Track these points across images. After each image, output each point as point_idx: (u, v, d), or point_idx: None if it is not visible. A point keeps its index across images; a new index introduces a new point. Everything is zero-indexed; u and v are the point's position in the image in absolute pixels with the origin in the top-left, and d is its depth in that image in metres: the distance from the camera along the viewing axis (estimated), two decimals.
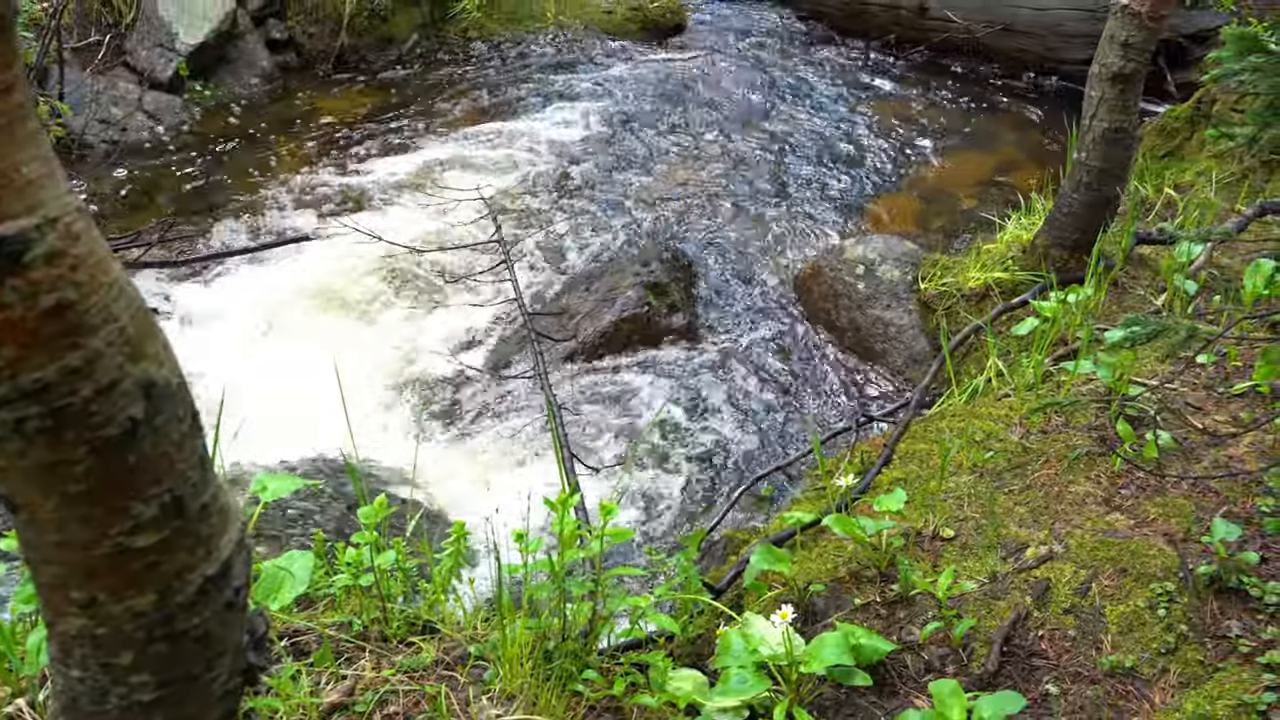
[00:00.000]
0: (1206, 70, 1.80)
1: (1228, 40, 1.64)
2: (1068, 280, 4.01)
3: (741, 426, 4.21)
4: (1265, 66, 1.64)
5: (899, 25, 8.47)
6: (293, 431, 3.94)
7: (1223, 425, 2.99)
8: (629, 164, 6.40)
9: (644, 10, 8.78)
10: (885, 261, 4.72)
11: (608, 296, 4.62)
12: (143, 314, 1.06)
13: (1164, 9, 3.62)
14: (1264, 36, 1.66)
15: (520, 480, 3.86)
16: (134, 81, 6.54)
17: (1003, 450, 3.03)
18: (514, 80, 7.58)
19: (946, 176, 6.54)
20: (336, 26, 7.53)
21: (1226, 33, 1.64)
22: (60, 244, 0.94)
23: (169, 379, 1.08)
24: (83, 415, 0.99)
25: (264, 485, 2.25)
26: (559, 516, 2.17)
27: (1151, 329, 1.93)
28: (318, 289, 4.87)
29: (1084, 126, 3.90)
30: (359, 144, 6.43)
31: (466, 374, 4.47)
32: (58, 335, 0.95)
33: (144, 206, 5.59)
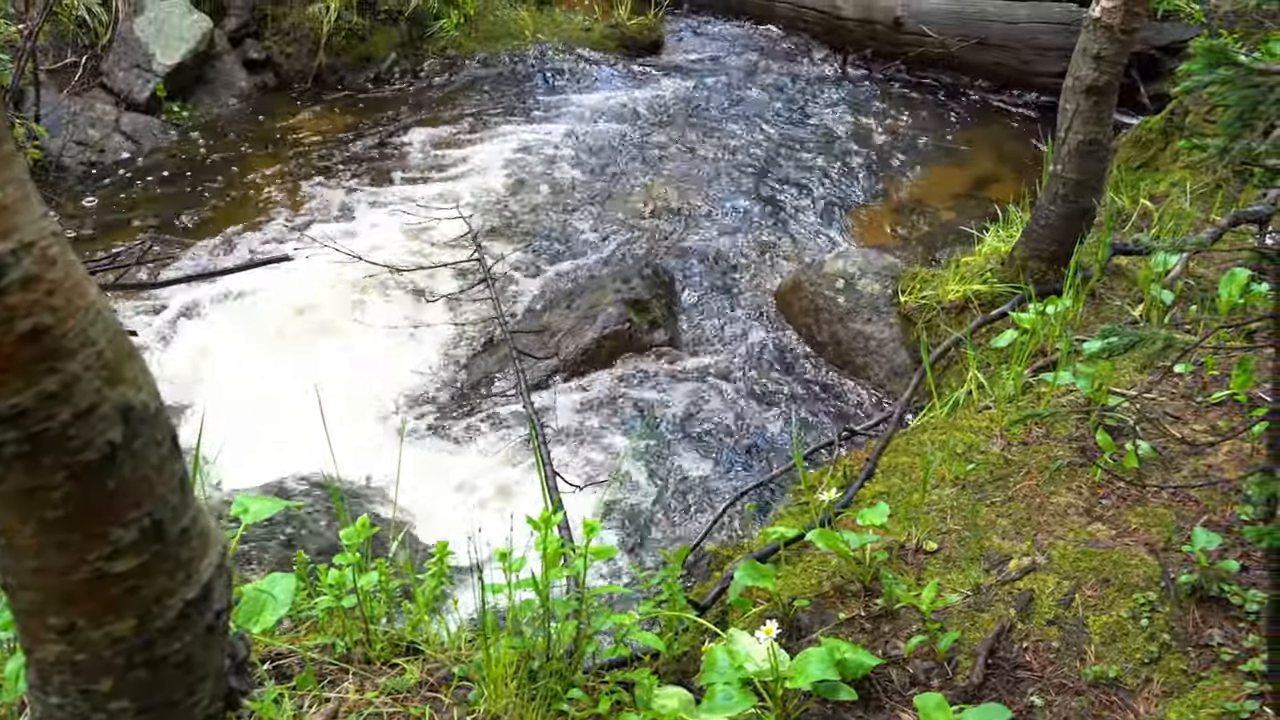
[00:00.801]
0: (1178, 82, 1.82)
1: (1197, 53, 1.65)
2: (1046, 292, 4.03)
3: (724, 442, 4.21)
4: (1234, 79, 1.66)
5: (874, 40, 8.52)
6: (274, 452, 3.92)
7: (1201, 434, 3.01)
8: (609, 181, 6.42)
9: (622, 27, 8.81)
10: (865, 275, 4.73)
11: (589, 314, 4.62)
12: (120, 338, 1.05)
13: (1135, 22, 3.66)
14: (1233, 49, 1.68)
15: (503, 498, 3.85)
16: (111, 103, 6.52)
17: (984, 462, 3.05)
18: (493, 98, 7.59)
19: (924, 189, 6.58)
20: (314, 46, 7.53)
21: (1196, 45, 1.66)
22: (36, 269, 0.94)
23: (147, 403, 1.07)
24: (60, 440, 0.98)
25: (245, 507, 2.24)
26: (542, 535, 2.17)
27: (1129, 340, 1.94)
28: (298, 309, 4.85)
29: (1059, 139, 3.94)
30: (338, 163, 6.42)
31: (448, 392, 4.46)
32: (34, 360, 0.95)
33: (122, 228, 5.57)
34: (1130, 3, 3.60)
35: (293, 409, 3.84)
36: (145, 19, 6.71)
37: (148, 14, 6.72)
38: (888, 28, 8.41)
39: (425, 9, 8.06)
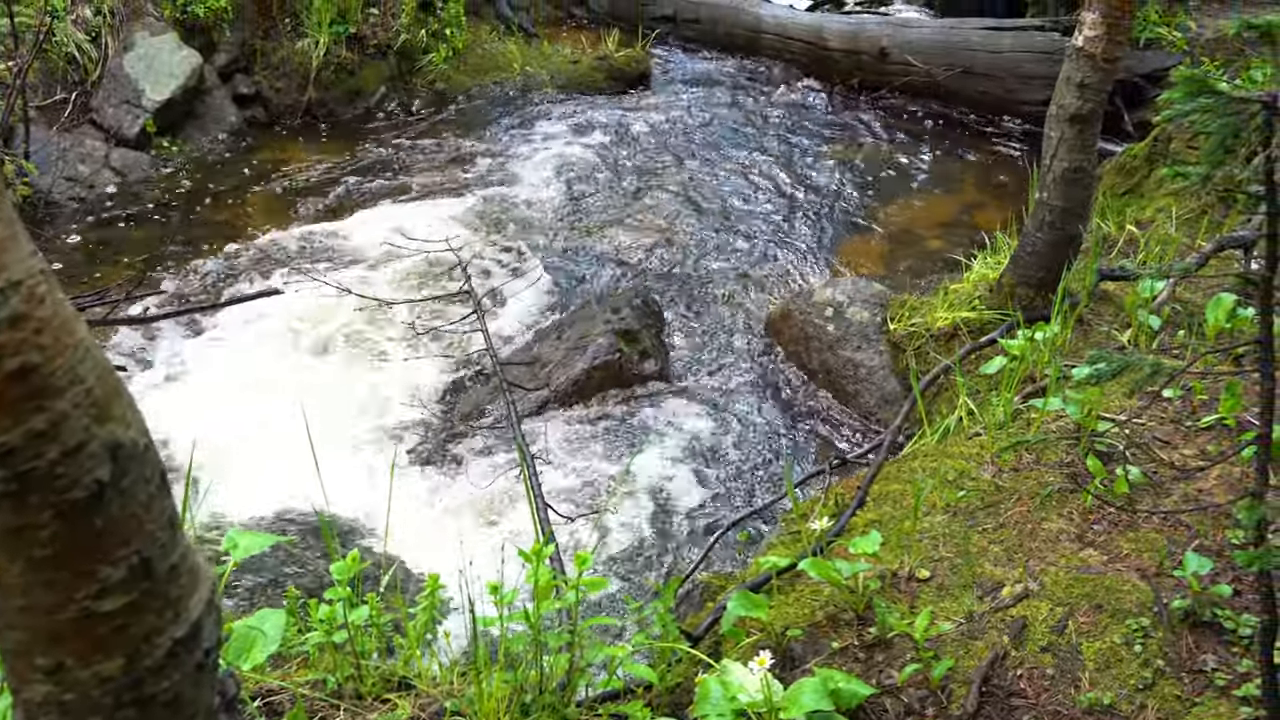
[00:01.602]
0: (1161, 110, 1.84)
1: (1178, 82, 1.67)
2: (1034, 318, 4.05)
3: (716, 471, 4.21)
4: (1215, 107, 1.68)
5: (860, 70, 8.59)
6: (264, 486, 3.91)
7: (1191, 459, 3.02)
8: (598, 211, 6.44)
9: (609, 60, 8.87)
10: (854, 303, 4.75)
11: (579, 344, 4.63)
12: (109, 375, 1.05)
13: (1117, 51, 3.70)
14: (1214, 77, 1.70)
15: (495, 531, 3.84)
16: (101, 139, 6.54)
17: (975, 489, 3.05)
18: (482, 131, 7.63)
19: (912, 217, 6.62)
20: (304, 81, 7.56)
21: (1176, 74, 1.68)
22: (24, 307, 0.94)
23: (136, 440, 1.07)
24: (48, 479, 0.98)
25: (235, 543, 2.23)
26: (533, 567, 2.17)
27: (1116, 366, 1.95)
28: (288, 343, 4.85)
29: (1045, 166, 3.97)
30: (327, 196, 6.44)
31: (439, 425, 4.46)
32: (22, 399, 0.94)
33: (111, 263, 5.57)
34: (1112, 32, 3.64)
35: (283, 442, 3.83)
36: (135, 55, 6.74)
37: (137, 50, 6.75)
38: (874, 58, 8.49)
39: (414, 43, 8.11)
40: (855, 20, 9.14)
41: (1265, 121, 1.78)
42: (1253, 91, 1.79)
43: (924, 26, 8.74)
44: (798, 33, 9.06)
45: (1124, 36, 3.68)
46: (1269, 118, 1.77)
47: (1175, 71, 1.69)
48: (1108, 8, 3.61)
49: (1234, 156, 1.83)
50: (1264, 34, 1.70)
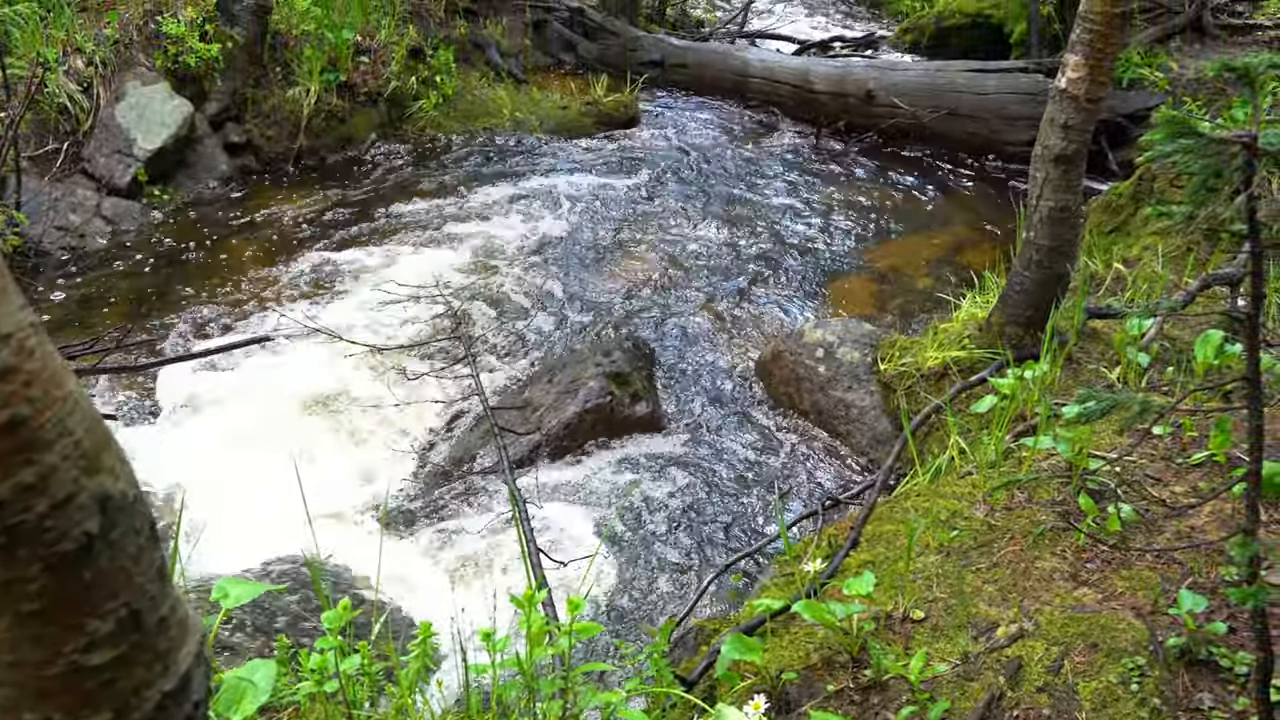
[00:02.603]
0: (1144, 150, 1.86)
1: (1159, 123, 1.69)
2: (1024, 357, 4.07)
3: (708, 513, 4.20)
4: (1196, 148, 1.70)
5: (848, 112, 8.69)
6: (254, 534, 3.88)
7: (1182, 496, 3.03)
8: (588, 255, 6.47)
9: (598, 105, 8.94)
10: (845, 344, 4.76)
11: (570, 388, 4.63)
12: (98, 426, 1.05)
13: (1100, 91, 3.74)
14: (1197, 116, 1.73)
15: (487, 577, 3.82)
16: (92, 188, 6.56)
17: (968, 528, 3.04)
18: (472, 177, 7.67)
19: (901, 257, 6.66)
20: (294, 129, 7.61)
21: (1158, 116, 1.70)
22: (13, 360, 0.94)
23: (125, 491, 1.07)
24: (37, 532, 0.98)
25: (225, 592, 2.21)
26: (526, 613, 2.15)
27: (1105, 404, 1.96)
28: (279, 389, 4.84)
29: (1031, 206, 4.00)
30: (319, 243, 6.45)
31: (430, 470, 4.44)
32: (11, 451, 0.94)
33: (102, 312, 5.57)
34: (1095, 73, 3.69)
35: (273, 489, 3.81)
36: (127, 104, 6.78)
37: (129, 100, 6.79)
38: (860, 100, 8.58)
39: (405, 90, 8.18)
40: (841, 64, 9.26)
41: (1245, 162, 1.80)
42: (1233, 131, 1.81)
43: (910, 69, 8.85)
44: (785, 76, 9.16)
45: (1106, 78, 3.72)
46: (1249, 158, 1.79)
47: (1156, 113, 1.71)
48: (1090, 50, 3.66)
49: (1217, 195, 1.85)
50: (1241, 76, 1.72)
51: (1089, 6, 3.63)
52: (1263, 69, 1.77)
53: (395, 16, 8.60)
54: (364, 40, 8.10)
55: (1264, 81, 1.85)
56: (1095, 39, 3.63)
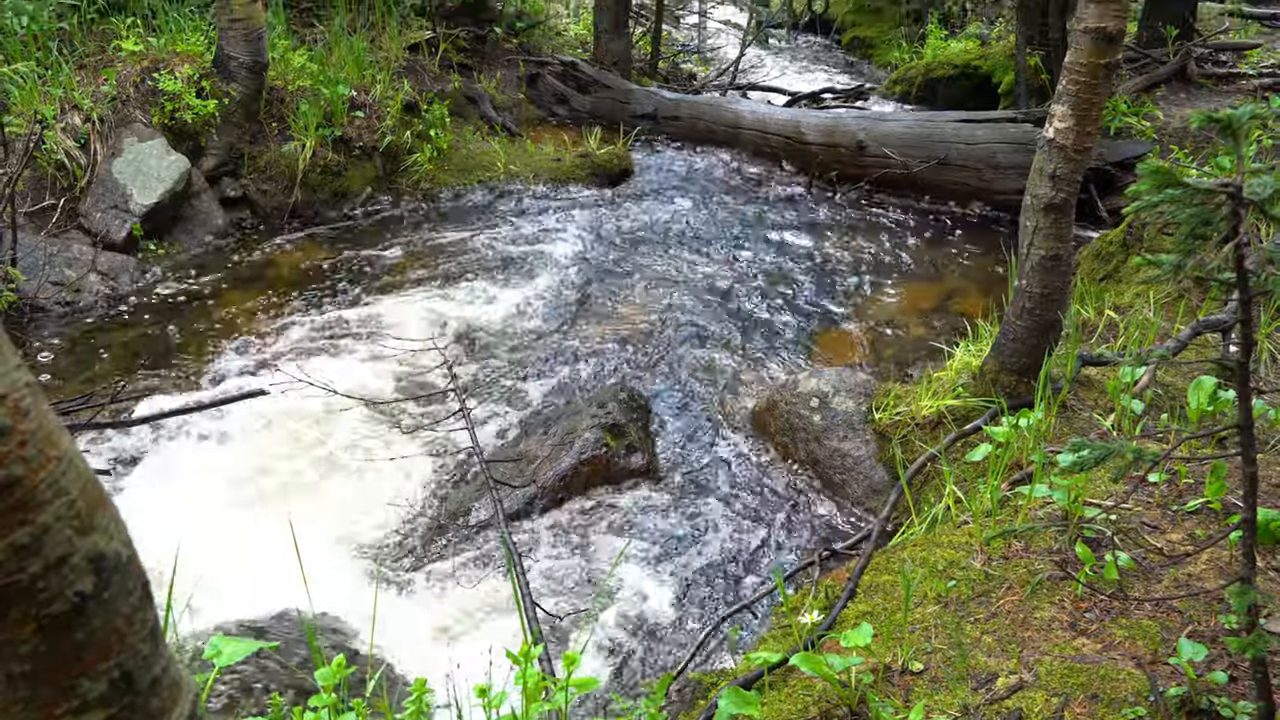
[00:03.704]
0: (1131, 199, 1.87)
1: (1143, 174, 1.71)
2: (1018, 405, 4.08)
3: (705, 565, 4.18)
4: (1182, 198, 1.72)
5: (839, 163, 8.77)
6: (249, 590, 3.86)
7: (1179, 544, 3.02)
8: (582, 307, 6.49)
9: (591, 157, 9.02)
10: (839, 393, 4.77)
11: (565, 440, 4.62)
12: (93, 485, 1.05)
13: (1088, 141, 3.78)
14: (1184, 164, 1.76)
15: (482, 631, 3.79)
16: (88, 243, 6.58)
17: (965, 578, 3.03)
18: (466, 229, 7.71)
19: (894, 306, 6.69)
20: (290, 183, 7.66)
21: (1142, 167, 1.72)
22: (8, 420, 0.94)
23: (119, 551, 1.07)
24: (30, 592, 0.97)
25: (219, 649, 2.20)
26: (522, 669, 2.14)
27: (1099, 453, 1.96)
28: (273, 444, 4.83)
29: (1022, 255, 4.03)
30: (313, 296, 6.47)
31: (425, 524, 4.42)
32: (5, 512, 0.94)
33: (97, 367, 5.57)
34: (1082, 123, 3.73)
35: (268, 545, 3.80)
36: (124, 160, 6.82)
37: (126, 156, 6.84)
38: (851, 151, 8.66)
39: (399, 144, 8.25)
40: (832, 115, 9.35)
41: (1232, 211, 1.82)
42: (1218, 179, 1.83)
43: (899, 120, 8.94)
44: (776, 128, 9.26)
45: (1094, 127, 3.77)
46: (1235, 207, 1.81)
47: (1141, 165, 1.73)
48: (1077, 101, 3.70)
49: (1204, 244, 1.87)
50: (1224, 128, 1.75)
51: (1075, 58, 3.68)
52: (1245, 120, 1.80)
53: (390, 72, 8.69)
54: (359, 95, 8.18)
55: (1249, 130, 1.88)
56: (1082, 90, 3.68)
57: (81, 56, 7.30)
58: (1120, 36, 3.63)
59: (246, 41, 7.36)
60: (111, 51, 7.35)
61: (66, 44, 7.29)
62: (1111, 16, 3.58)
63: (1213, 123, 1.84)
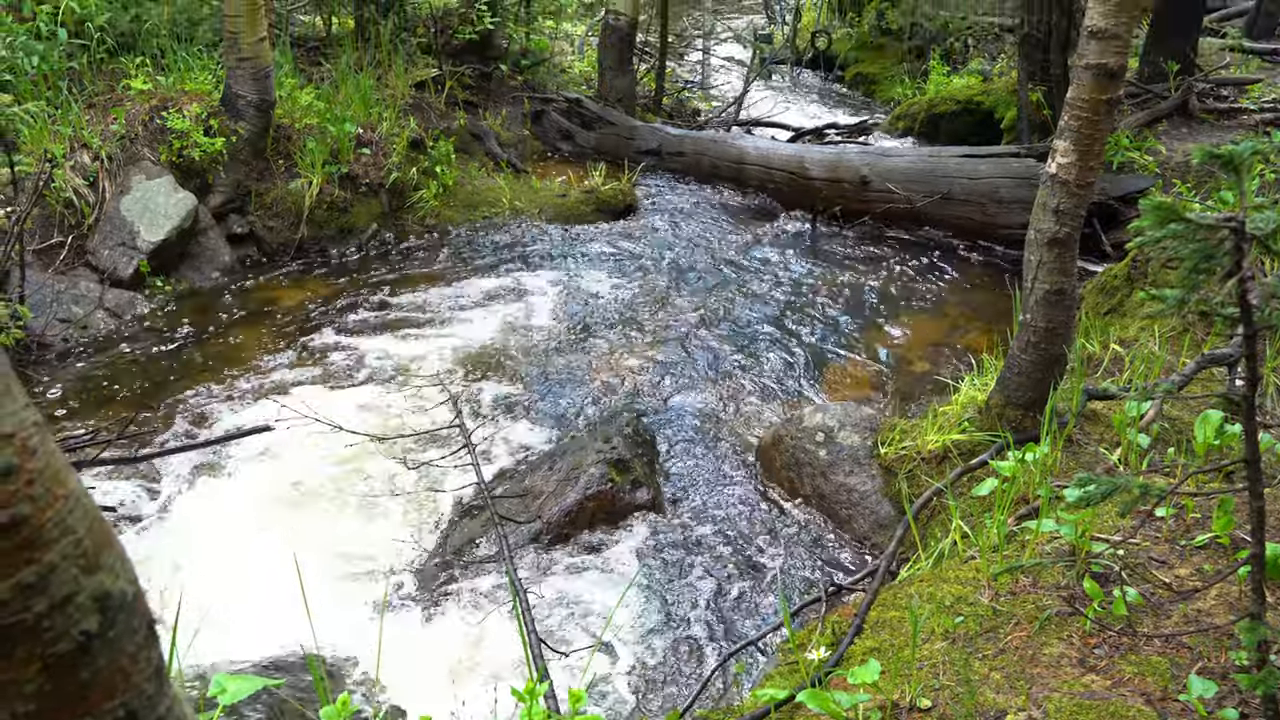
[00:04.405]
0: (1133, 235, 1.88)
1: (1146, 210, 1.72)
2: (1024, 439, 4.07)
3: (711, 601, 4.16)
4: (1185, 233, 1.72)
5: (843, 198, 8.80)
6: (254, 627, 3.84)
7: (1188, 579, 3.00)
8: (588, 342, 6.50)
9: (596, 193, 9.07)
10: (844, 428, 4.77)
11: (570, 475, 4.62)
12: (99, 523, 1.05)
13: (1090, 176, 3.80)
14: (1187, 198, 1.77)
15: (487, 667, 3.77)
16: (95, 279, 6.62)
17: (973, 614, 3.02)
18: (472, 265, 7.75)
19: (899, 341, 6.69)
20: (296, 219, 7.71)
21: (1144, 203, 1.73)
22: (16, 459, 0.94)
23: (125, 589, 1.06)
24: (35, 632, 0.97)
25: (223, 687, 2.19)
26: (527, 706, 2.13)
27: (1105, 488, 1.96)
28: (278, 479, 4.83)
29: (1026, 289, 4.03)
30: (319, 333, 6.49)
31: (430, 559, 4.41)
32: (12, 551, 0.94)
33: (104, 403, 5.58)
34: (1084, 158, 3.75)
35: (273, 581, 3.79)
36: (132, 198, 6.87)
37: (134, 193, 6.89)
38: (854, 186, 8.70)
39: (405, 181, 8.30)
40: (836, 150, 9.40)
41: (1235, 246, 1.82)
42: (1220, 214, 1.84)
43: (903, 155, 8.98)
44: (780, 163, 9.30)
45: (1096, 162, 3.78)
46: (1238, 242, 1.82)
47: (1143, 200, 1.74)
48: (1079, 136, 3.72)
49: (1208, 279, 1.87)
50: (1226, 164, 1.76)
51: (1077, 94, 3.71)
52: (1246, 156, 1.80)
53: (396, 109, 8.76)
54: (365, 133, 8.24)
55: (1251, 165, 1.89)
56: (1084, 125, 3.70)
57: (91, 95, 7.37)
58: (1121, 73, 3.65)
59: (254, 80, 7.43)
60: (121, 90, 7.42)
61: (76, 83, 7.37)
62: (1113, 53, 3.61)
63: (1215, 158, 1.85)
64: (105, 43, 7.78)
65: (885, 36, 16.40)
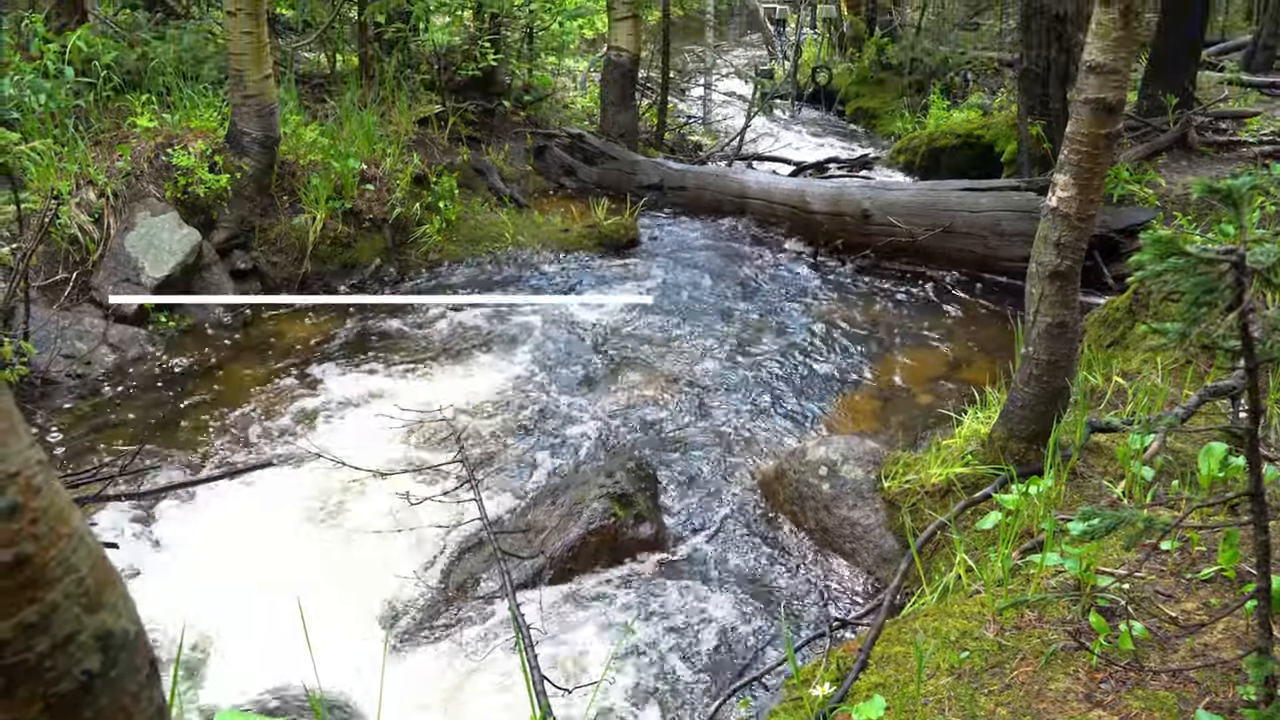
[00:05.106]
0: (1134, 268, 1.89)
1: (1146, 244, 1.73)
2: (1027, 472, 4.06)
3: (714, 636, 4.14)
4: (1185, 267, 1.73)
5: (845, 231, 8.83)
6: (256, 665, 3.83)
7: (1195, 613, 2.99)
8: (590, 376, 6.51)
9: (599, 228, 9.10)
10: (848, 461, 4.76)
11: (573, 510, 4.61)
12: (102, 562, 1.05)
13: (1091, 209, 3.81)
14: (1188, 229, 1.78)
15: (491, 704, 3.75)
16: (99, 315, 6.64)
17: (978, 649, 3.00)
18: (475, 299, 7.76)
19: (901, 374, 6.69)
20: (300, 255, 7.74)
21: (1145, 237, 1.74)
22: (20, 498, 0.95)
23: (127, 629, 1.07)
24: (37, 671, 0.97)
25: None
26: None
27: (1109, 521, 1.96)
28: (281, 515, 4.82)
29: (1029, 322, 4.04)
30: (322, 369, 6.50)
31: (433, 596, 4.40)
32: (15, 590, 0.95)
33: (107, 438, 5.58)
34: (1085, 191, 3.76)
35: (275, 618, 3.78)
36: (136, 234, 6.91)
37: (139, 230, 6.93)
38: (856, 220, 8.73)
39: (409, 216, 8.34)
40: (837, 184, 9.44)
41: (1235, 279, 1.83)
42: (1221, 246, 1.85)
43: (904, 189, 9.02)
44: (781, 197, 9.34)
45: (1097, 196, 3.80)
46: (1238, 276, 1.82)
47: (1144, 234, 1.75)
48: (1079, 170, 3.74)
49: (1210, 313, 1.88)
50: (1225, 197, 1.77)
51: (1076, 128, 3.73)
52: (1245, 190, 1.81)
53: (400, 145, 8.82)
54: (369, 169, 8.29)
55: (1250, 199, 1.90)
56: (1083, 159, 3.72)
57: (97, 133, 7.43)
58: (1120, 107, 3.68)
59: (259, 117, 7.48)
60: (126, 127, 7.48)
61: (83, 121, 7.43)
62: (1111, 88, 3.63)
63: (1214, 192, 1.86)
64: (112, 80, 7.85)
65: (885, 71, 16.53)
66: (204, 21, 9.89)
